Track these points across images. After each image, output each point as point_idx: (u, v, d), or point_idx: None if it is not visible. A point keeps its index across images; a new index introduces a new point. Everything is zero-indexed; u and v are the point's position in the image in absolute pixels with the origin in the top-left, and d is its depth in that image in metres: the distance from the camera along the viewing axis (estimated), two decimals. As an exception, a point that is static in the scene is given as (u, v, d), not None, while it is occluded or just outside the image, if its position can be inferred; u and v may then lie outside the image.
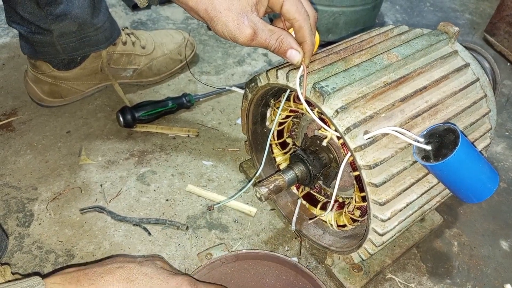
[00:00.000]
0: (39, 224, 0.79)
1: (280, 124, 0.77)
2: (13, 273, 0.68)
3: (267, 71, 0.65)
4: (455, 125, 0.53)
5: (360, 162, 0.54)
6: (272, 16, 1.24)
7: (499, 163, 0.98)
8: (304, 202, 0.79)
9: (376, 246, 0.59)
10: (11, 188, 0.85)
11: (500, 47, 1.32)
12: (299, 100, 0.59)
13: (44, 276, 0.51)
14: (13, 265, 0.72)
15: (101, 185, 0.87)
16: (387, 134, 0.55)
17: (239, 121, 1.03)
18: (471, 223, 0.84)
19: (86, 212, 0.81)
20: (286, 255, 0.70)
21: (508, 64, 1.30)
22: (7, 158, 0.91)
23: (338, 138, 0.61)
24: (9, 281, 0.50)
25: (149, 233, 0.78)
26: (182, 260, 0.75)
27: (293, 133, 0.80)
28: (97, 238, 0.77)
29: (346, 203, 0.72)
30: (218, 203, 0.61)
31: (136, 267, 0.53)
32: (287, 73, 0.60)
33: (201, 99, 1.07)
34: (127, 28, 1.07)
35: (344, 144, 0.60)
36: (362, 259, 0.64)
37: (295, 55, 0.57)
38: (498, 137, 1.04)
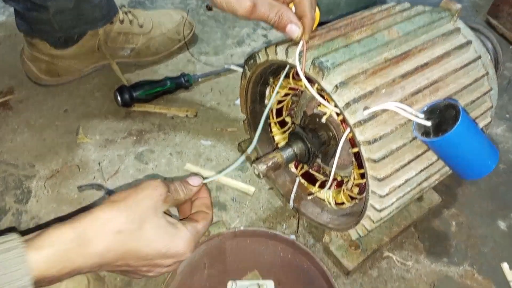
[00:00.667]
0: (37, 201, 0.79)
1: (279, 102, 0.76)
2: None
3: (266, 47, 0.64)
4: (456, 101, 0.52)
5: (359, 137, 0.54)
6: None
7: (499, 144, 0.97)
8: (302, 180, 0.79)
9: (373, 222, 0.59)
10: (9, 165, 0.85)
11: (503, 29, 1.31)
12: (299, 76, 0.59)
13: (24, 233, 0.43)
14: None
15: (99, 163, 0.86)
16: (387, 110, 0.55)
17: (238, 102, 1.02)
18: (470, 204, 0.84)
19: (84, 189, 0.81)
20: (284, 233, 0.70)
21: (511, 47, 1.29)
22: (4, 136, 0.90)
23: (338, 114, 0.60)
24: None
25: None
26: (180, 238, 0.75)
27: (292, 111, 0.80)
28: (95, 216, 0.77)
29: (344, 181, 0.72)
30: (207, 178, 0.60)
31: (136, 234, 0.47)
32: (286, 49, 0.60)
33: (199, 80, 1.06)
34: (124, 6, 1.06)
35: (344, 121, 0.59)
36: (360, 236, 0.64)
37: (294, 30, 0.56)
38: (498, 119, 1.04)
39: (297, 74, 0.59)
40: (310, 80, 0.58)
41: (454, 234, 0.79)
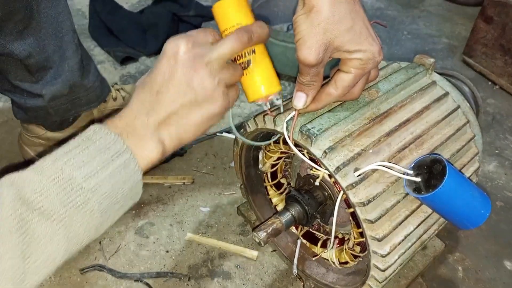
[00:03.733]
0: (41, 287, 0.78)
1: (273, 166, 0.78)
2: None
3: (254, 116, 0.67)
4: (440, 155, 0.54)
5: (353, 199, 0.55)
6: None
7: (493, 182, 0.99)
8: (304, 241, 0.79)
9: (379, 282, 0.59)
10: (10, 254, 0.84)
11: (480, 67, 1.37)
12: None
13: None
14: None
15: (100, 242, 0.86)
16: (377, 169, 0.57)
17: (233, 164, 1.04)
18: (473, 246, 0.84)
19: (86, 271, 0.80)
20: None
21: (490, 83, 1.34)
22: (4, 223, 0.90)
23: (330, 176, 0.62)
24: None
25: (152, 288, 0.78)
26: (187, 313, 0.74)
27: (287, 173, 0.81)
28: (99, 298, 0.76)
29: (346, 239, 0.72)
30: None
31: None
32: (274, 118, 0.62)
33: (193, 145, 1.08)
34: (116, 84, 1.10)
35: (337, 182, 0.61)
36: (367, 297, 0.63)
37: (300, 99, 0.57)
38: (488, 156, 1.06)
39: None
40: (299, 145, 0.60)
41: (462, 279, 0.78)
